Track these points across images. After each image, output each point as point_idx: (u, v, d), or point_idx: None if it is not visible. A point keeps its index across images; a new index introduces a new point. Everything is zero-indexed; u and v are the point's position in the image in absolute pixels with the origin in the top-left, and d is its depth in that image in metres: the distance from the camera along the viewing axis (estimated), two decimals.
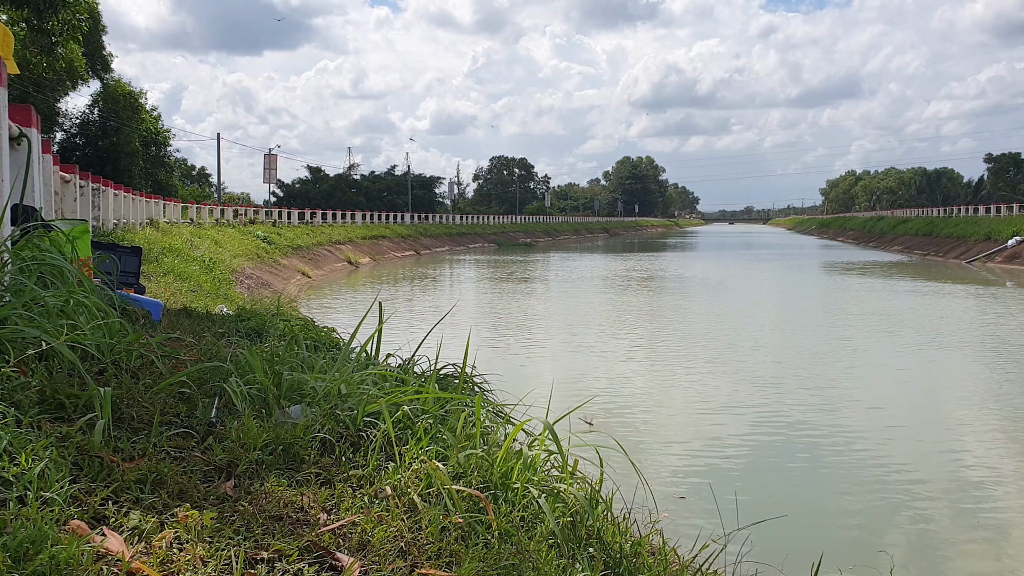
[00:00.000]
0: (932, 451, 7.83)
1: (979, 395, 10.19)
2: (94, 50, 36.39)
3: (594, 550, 2.62)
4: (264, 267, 25.48)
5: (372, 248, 44.40)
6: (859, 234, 70.66)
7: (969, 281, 27.33)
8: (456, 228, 67.85)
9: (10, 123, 4.70)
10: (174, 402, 2.66)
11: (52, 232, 4.21)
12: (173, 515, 1.90)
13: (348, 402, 2.90)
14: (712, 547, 3.01)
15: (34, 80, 30.40)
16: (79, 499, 1.89)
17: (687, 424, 8.71)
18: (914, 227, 54.78)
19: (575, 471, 3.08)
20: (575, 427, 3.36)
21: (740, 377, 11.13)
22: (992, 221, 43.11)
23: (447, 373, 4.27)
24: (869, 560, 4.69)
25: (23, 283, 3.11)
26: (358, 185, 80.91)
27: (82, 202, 13.60)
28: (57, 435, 2.11)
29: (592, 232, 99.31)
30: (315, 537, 1.95)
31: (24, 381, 2.37)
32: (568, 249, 61.07)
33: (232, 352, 3.53)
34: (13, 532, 1.58)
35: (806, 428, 8.47)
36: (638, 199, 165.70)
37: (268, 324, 6.24)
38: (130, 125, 42.08)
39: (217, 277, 16.49)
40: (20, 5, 21.26)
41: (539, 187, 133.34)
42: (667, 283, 28.10)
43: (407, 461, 2.52)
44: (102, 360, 2.85)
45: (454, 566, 2.04)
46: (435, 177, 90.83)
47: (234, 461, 2.28)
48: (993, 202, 56.31)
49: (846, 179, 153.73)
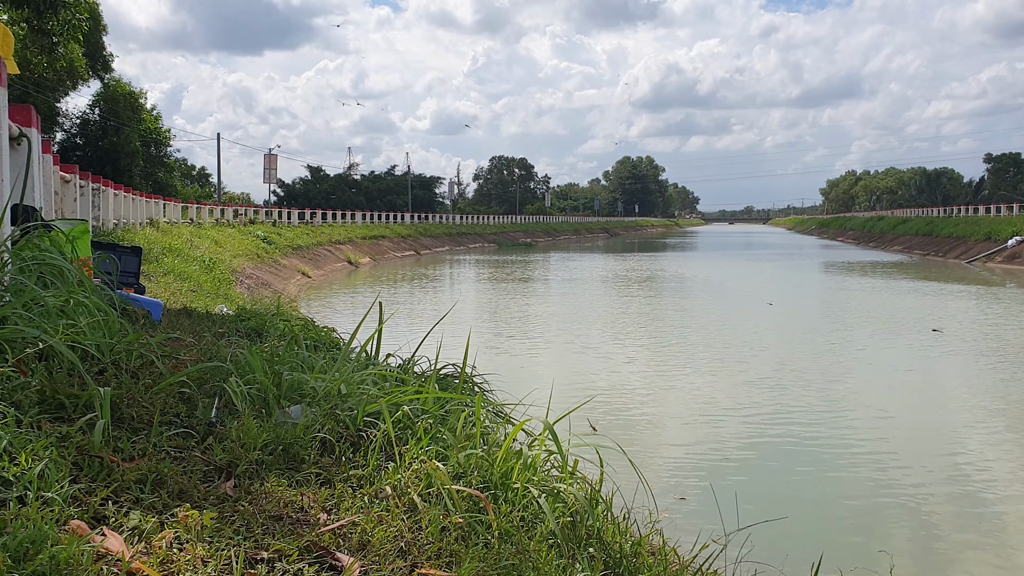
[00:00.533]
0: (933, 451, 7.83)
1: (980, 396, 10.18)
2: (94, 50, 36.39)
3: (594, 550, 2.62)
4: (264, 267, 25.48)
5: (372, 248, 44.41)
6: (859, 234, 70.66)
7: (969, 281, 27.32)
8: (456, 228, 67.87)
9: (10, 123, 4.70)
10: (174, 402, 2.66)
11: (52, 232, 4.21)
12: (173, 515, 1.90)
13: (348, 402, 2.90)
14: (712, 547, 3.01)
15: (34, 80, 30.39)
16: (79, 499, 1.88)
17: (687, 424, 8.71)
18: (914, 227, 54.78)
19: (575, 471, 3.08)
20: (575, 427, 3.36)
21: (740, 377, 11.13)
22: (992, 221, 43.10)
23: (447, 373, 4.27)
24: (869, 560, 4.69)
25: (23, 283, 3.11)
26: (358, 185, 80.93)
27: (82, 202, 13.60)
28: (57, 435, 2.11)
29: (592, 232, 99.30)
30: (315, 537, 1.95)
31: (24, 381, 2.37)
32: (568, 249, 61.06)
33: (232, 352, 3.53)
34: (13, 532, 1.58)
35: (806, 428, 8.47)
36: (638, 199, 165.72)
37: (268, 324, 6.24)
38: (130, 125, 42.06)
39: (217, 277, 16.50)
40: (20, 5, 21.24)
41: (539, 187, 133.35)
42: (667, 283, 28.10)
43: (407, 461, 2.51)
44: (102, 360, 2.85)
45: (454, 566, 2.04)
46: (435, 177, 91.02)
47: (234, 461, 2.28)
48: (993, 202, 56.31)
49: (846, 179, 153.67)
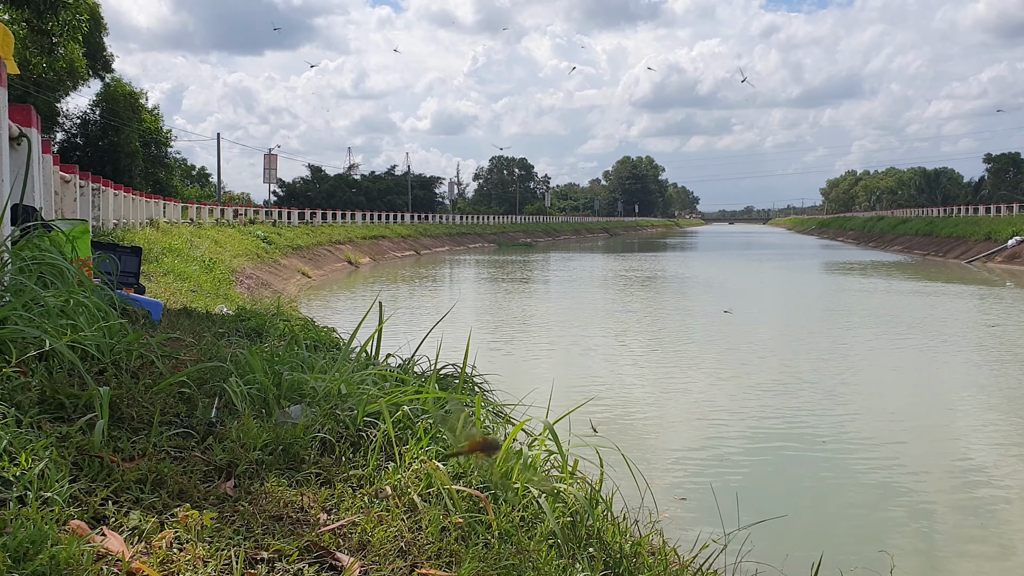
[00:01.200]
0: (933, 451, 7.83)
1: (981, 396, 10.18)
2: (95, 50, 36.38)
3: (594, 550, 2.62)
4: (264, 267, 25.48)
5: (372, 248, 44.40)
6: (859, 234, 70.64)
7: (970, 281, 27.32)
8: (456, 228, 67.86)
9: (10, 123, 4.70)
10: (174, 402, 2.66)
11: (52, 232, 4.22)
12: (173, 515, 1.90)
13: (348, 402, 2.89)
14: (712, 547, 3.01)
15: (34, 80, 30.38)
16: (79, 499, 1.88)
17: (687, 424, 8.71)
18: (914, 227, 54.76)
19: (575, 471, 3.08)
20: (575, 428, 3.36)
21: (741, 377, 11.13)
22: (992, 221, 43.08)
23: (447, 373, 4.27)
24: (869, 560, 4.69)
25: (23, 283, 3.11)
26: (358, 185, 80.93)
27: (82, 202, 13.60)
28: (57, 435, 2.11)
29: (592, 232, 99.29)
30: (315, 537, 1.95)
31: (24, 381, 2.36)
32: (568, 249, 61.05)
33: (232, 352, 3.53)
34: (13, 532, 1.58)
35: (807, 428, 8.46)
36: (638, 199, 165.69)
37: (268, 324, 6.24)
38: (130, 125, 42.07)
39: (217, 277, 16.50)
40: (20, 5, 21.25)
41: (539, 187, 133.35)
42: (668, 283, 28.09)
43: (407, 461, 2.51)
44: (102, 360, 2.85)
45: (454, 566, 2.04)
46: (435, 177, 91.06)
47: (234, 461, 2.28)
48: (993, 202, 56.28)
49: (846, 179, 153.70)
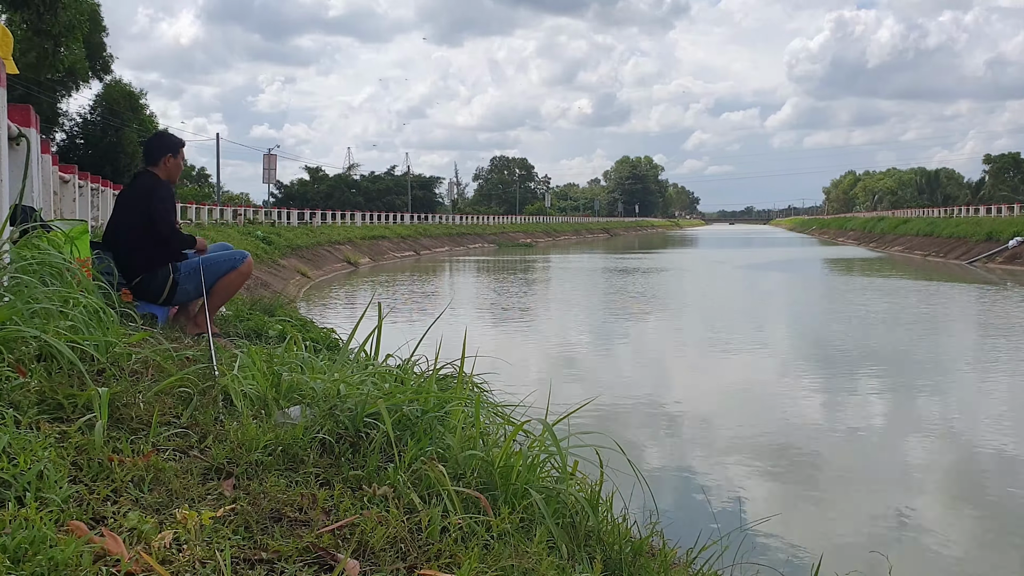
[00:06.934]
0: (933, 451, 7.83)
1: (980, 395, 10.18)
2: (95, 51, 36.39)
3: (594, 551, 2.62)
4: (263, 267, 25.46)
5: (371, 248, 44.36)
6: (860, 234, 70.58)
7: (971, 281, 27.32)
8: (456, 228, 67.78)
9: (9, 123, 4.70)
10: (173, 402, 2.66)
11: (51, 232, 4.22)
12: (172, 516, 1.89)
13: (347, 402, 2.89)
14: (712, 548, 3.01)
15: (34, 80, 30.39)
16: (78, 499, 1.88)
17: (688, 424, 8.71)
18: (915, 227, 54.70)
19: (575, 471, 3.07)
20: (575, 427, 3.36)
21: (741, 377, 11.13)
22: (993, 221, 43.03)
23: (447, 373, 4.26)
24: (869, 560, 4.68)
25: (23, 281, 3.10)
26: (357, 185, 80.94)
27: (81, 202, 13.58)
28: (56, 435, 2.10)
29: (592, 232, 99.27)
30: (314, 538, 1.95)
31: (23, 381, 2.36)
32: (568, 249, 61.05)
33: (232, 352, 3.53)
34: (12, 533, 1.58)
35: (807, 428, 8.46)
36: (638, 199, 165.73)
37: (267, 324, 6.24)
38: (130, 125, 42.08)
39: None
40: (20, 6, 21.27)
41: (539, 187, 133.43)
42: (668, 282, 28.09)
43: (407, 462, 2.51)
44: (101, 360, 2.85)
45: (454, 567, 2.03)
46: (435, 177, 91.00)
47: (233, 461, 2.28)
48: (994, 202, 56.25)
49: (847, 179, 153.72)
